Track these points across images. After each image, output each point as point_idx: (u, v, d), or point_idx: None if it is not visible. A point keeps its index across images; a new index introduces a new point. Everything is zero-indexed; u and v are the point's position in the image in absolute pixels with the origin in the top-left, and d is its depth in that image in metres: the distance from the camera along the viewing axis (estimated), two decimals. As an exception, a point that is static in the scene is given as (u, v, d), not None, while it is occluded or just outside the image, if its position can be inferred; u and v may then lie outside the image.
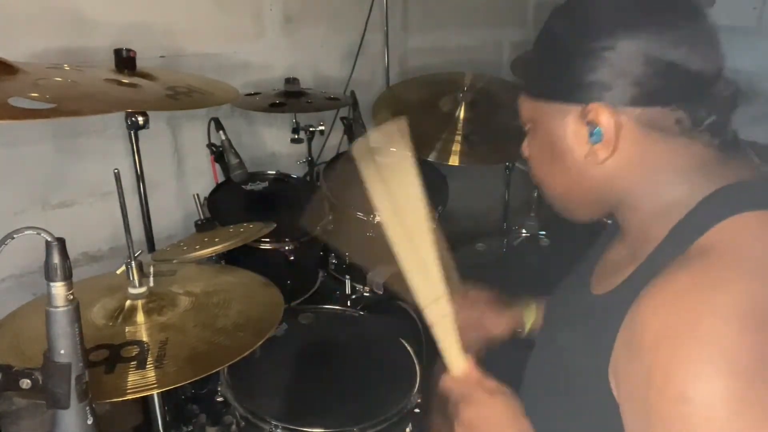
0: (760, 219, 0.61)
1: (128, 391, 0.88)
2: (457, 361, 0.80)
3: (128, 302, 1.06)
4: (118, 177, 1.02)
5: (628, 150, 0.68)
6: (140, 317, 1.04)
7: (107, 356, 0.94)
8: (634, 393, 0.59)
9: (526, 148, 0.81)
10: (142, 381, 0.89)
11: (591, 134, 0.68)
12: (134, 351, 0.95)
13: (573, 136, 0.70)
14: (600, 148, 0.68)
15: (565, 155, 0.72)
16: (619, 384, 0.63)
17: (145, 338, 0.99)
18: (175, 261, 1.30)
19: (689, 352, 0.54)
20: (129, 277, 1.07)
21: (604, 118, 0.66)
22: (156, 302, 1.08)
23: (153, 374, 0.91)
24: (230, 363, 0.97)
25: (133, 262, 1.07)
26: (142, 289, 1.08)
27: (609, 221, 0.89)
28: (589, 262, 0.85)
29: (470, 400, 0.78)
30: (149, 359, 0.94)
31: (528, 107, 0.76)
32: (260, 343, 1.01)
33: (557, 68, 0.71)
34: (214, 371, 0.94)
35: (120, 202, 1.05)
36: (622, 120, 0.66)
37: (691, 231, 0.63)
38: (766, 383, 0.52)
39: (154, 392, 0.91)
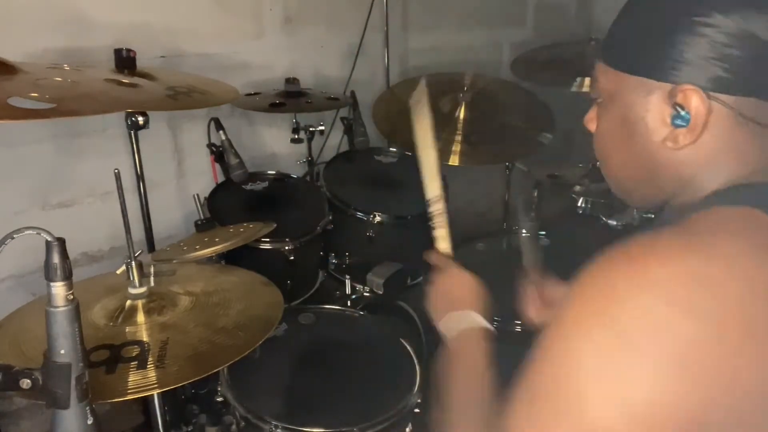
0: (745, 215, 0.57)
1: (129, 391, 0.88)
2: (444, 244, 1.04)
3: (128, 302, 1.07)
4: (118, 177, 1.02)
5: (711, 139, 0.62)
6: (141, 317, 1.05)
7: (108, 356, 0.94)
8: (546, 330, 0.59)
9: (592, 119, 0.75)
10: (143, 381, 0.90)
11: (676, 117, 0.62)
12: (135, 351, 0.95)
13: (654, 116, 0.64)
14: (683, 133, 0.62)
15: (640, 134, 0.66)
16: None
17: (145, 338, 0.99)
18: (175, 261, 1.30)
19: (588, 305, 0.53)
20: (129, 277, 1.07)
21: (695, 102, 0.60)
22: (156, 302, 1.08)
23: (154, 374, 0.91)
24: (231, 362, 0.97)
25: (133, 262, 1.07)
26: (142, 289, 1.08)
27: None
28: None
29: (445, 270, 0.98)
30: (150, 359, 0.94)
31: (607, 77, 0.69)
32: (261, 342, 1.01)
33: (649, 40, 0.64)
34: (214, 371, 0.94)
35: (120, 202, 1.05)
36: (714, 107, 0.60)
37: (684, 214, 0.60)
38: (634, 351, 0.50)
39: (155, 392, 0.91)
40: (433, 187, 1.08)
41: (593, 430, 0.51)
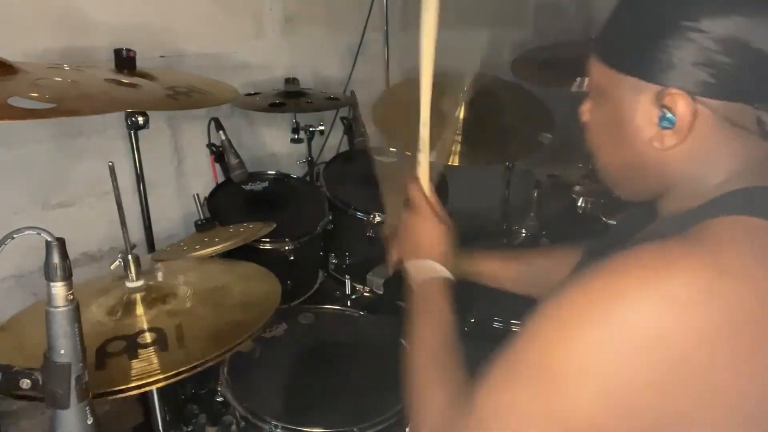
0: (746, 224, 0.57)
1: (161, 371, 0.87)
2: (424, 175, 0.99)
3: (128, 296, 1.07)
4: (112, 170, 1.02)
5: (697, 142, 0.63)
6: (144, 308, 1.05)
7: (126, 345, 0.94)
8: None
9: (586, 111, 0.76)
10: (172, 360, 0.89)
11: (662, 119, 0.64)
12: (151, 337, 0.96)
13: (643, 115, 0.66)
14: (669, 134, 0.64)
15: (629, 132, 0.68)
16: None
17: (158, 324, 0.99)
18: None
19: (597, 306, 0.55)
20: (126, 271, 1.07)
21: (681, 105, 0.62)
22: (157, 293, 1.08)
23: (181, 353, 0.91)
24: (251, 335, 0.97)
25: (129, 255, 1.07)
26: (140, 283, 1.08)
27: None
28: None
29: (418, 211, 0.97)
30: (170, 342, 0.94)
31: (599, 73, 0.70)
32: (271, 315, 1.02)
33: (640, 41, 0.65)
34: (240, 342, 0.94)
35: (115, 194, 1.05)
36: (699, 110, 0.62)
37: (686, 222, 0.60)
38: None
39: (192, 371, 0.89)
40: (425, 110, 1.01)
41: (572, 418, 0.54)
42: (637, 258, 0.55)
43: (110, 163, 1.02)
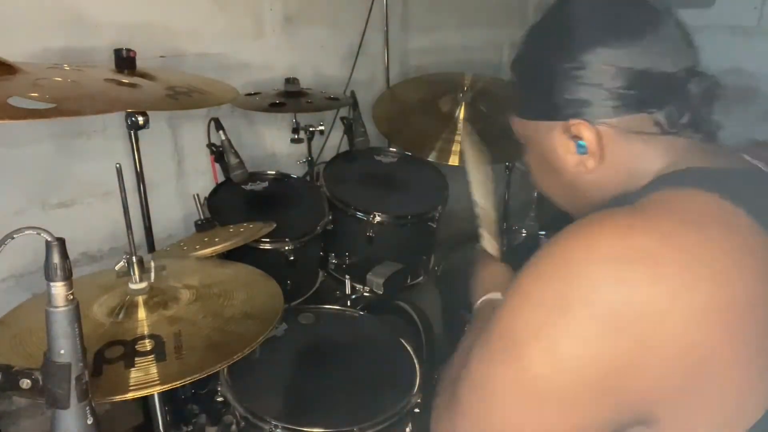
0: (687, 194, 0.62)
1: (157, 383, 0.87)
2: (489, 245, 1.10)
3: (130, 298, 1.06)
4: (119, 171, 1.02)
5: (615, 156, 0.71)
6: (146, 312, 1.04)
7: (123, 352, 0.93)
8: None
9: (526, 161, 0.86)
10: (168, 372, 0.89)
11: (578, 147, 0.72)
12: (149, 345, 0.95)
13: (562, 149, 0.74)
14: (587, 158, 0.72)
15: (559, 166, 0.76)
16: None
17: (157, 332, 0.99)
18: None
19: (548, 274, 0.60)
20: (130, 273, 1.07)
21: (585, 132, 0.70)
22: (159, 297, 1.08)
23: (176, 365, 0.91)
24: (249, 349, 0.97)
25: (134, 257, 1.06)
26: (143, 285, 1.07)
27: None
28: None
29: (488, 262, 1.08)
30: (167, 351, 0.94)
31: (518, 126, 0.81)
32: (271, 329, 1.02)
33: (535, 90, 0.75)
34: (237, 357, 0.94)
35: (121, 197, 1.05)
36: (603, 131, 0.70)
37: (630, 199, 0.66)
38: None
39: (187, 382, 0.89)
40: (477, 191, 1.16)
41: (528, 376, 0.59)
42: (580, 227, 0.61)
43: (117, 165, 1.02)
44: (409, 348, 1.33)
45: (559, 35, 0.72)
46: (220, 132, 1.58)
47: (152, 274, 1.10)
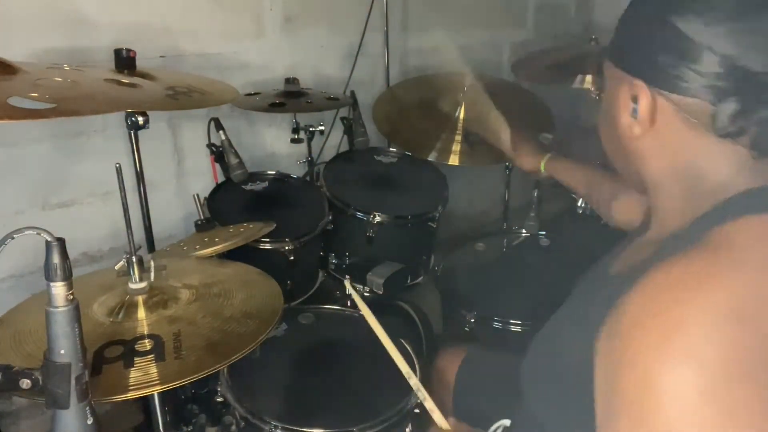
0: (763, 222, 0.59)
1: (156, 383, 0.87)
2: (441, 421, 1.00)
3: (130, 298, 1.06)
4: (119, 171, 1.02)
5: (664, 134, 0.68)
6: (146, 312, 1.04)
7: (123, 352, 0.93)
8: (607, 373, 0.59)
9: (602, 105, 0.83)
10: (168, 371, 0.89)
11: (633, 109, 0.69)
12: (149, 345, 0.95)
13: (621, 104, 0.71)
14: (636, 123, 0.69)
15: (614, 119, 0.73)
16: (597, 363, 0.63)
17: (156, 332, 0.99)
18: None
19: (661, 339, 0.54)
20: (130, 273, 1.07)
21: (643, 97, 0.67)
22: (158, 296, 1.08)
23: (176, 365, 0.91)
24: (249, 349, 0.97)
25: (133, 257, 1.06)
26: (143, 284, 1.07)
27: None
28: (620, 247, 0.86)
29: None
30: (167, 351, 0.94)
31: (605, 66, 0.76)
32: (271, 329, 1.02)
33: (625, 35, 0.72)
34: (237, 357, 0.94)
35: (121, 197, 1.05)
36: (660, 103, 0.66)
37: (707, 223, 0.62)
38: (738, 383, 0.51)
39: (187, 382, 0.90)
40: (404, 368, 1.08)
41: None
42: (680, 279, 0.56)
43: (117, 165, 1.02)
44: (409, 348, 1.33)
45: None
46: (220, 132, 1.58)
47: (152, 274, 1.10)
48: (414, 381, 1.05)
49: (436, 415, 1.00)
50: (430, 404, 1.02)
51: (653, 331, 0.54)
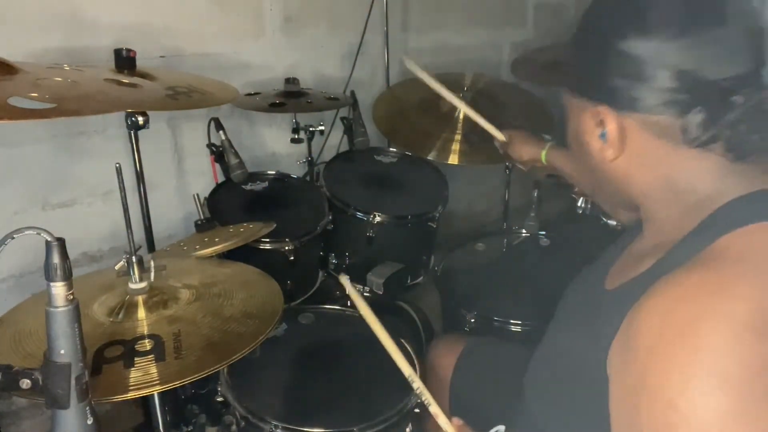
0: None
1: (157, 383, 0.87)
2: (447, 426, 0.97)
3: (130, 298, 1.06)
4: (119, 171, 1.02)
5: (637, 152, 0.68)
6: (146, 312, 1.04)
7: (123, 352, 0.93)
8: (626, 394, 0.59)
9: (568, 137, 0.83)
10: (168, 371, 0.89)
11: (601, 133, 0.69)
12: (149, 345, 0.95)
13: (588, 131, 0.71)
14: (607, 147, 0.69)
15: (586, 147, 0.73)
16: (612, 382, 0.62)
17: (156, 332, 0.99)
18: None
19: (684, 360, 0.53)
20: (130, 273, 1.07)
21: (609, 121, 0.67)
22: (158, 296, 1.08)
23: (176, 365, 0.91)
24: (249, 349, 0.96)
25: (133, 257, 1.06)
26: (143, 284, 1.07)
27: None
28: (609, 257, 0.85)
29: None
30: (167, 351, 0.93)
31: (564, 97, 0.77)
32: (271, 329, 1.01)
33: (579, 64, 0.72)
34: (237, 357, 0.94)
35: (121, 197, 1.05)
36: (627, 124, 0.67)
37: (708, 233, 0.62)
38: (764, 398, 0.51)
39: (187, 382, 0.90)
40: (406, 369, 1.06)
41: None
42: (690, 293, 0.56)
43: (117, 165, 1.02)
44: (409, 348, 1.33)
45: (608, 16, 0.68)
46: (220, 132, 1.58)
47: (152, 274, 1.10)
48: (417, 384, 1.04)
49: (442, 420, 0.99)
50: (435, 408, 1.00)
51: (675, 353, 0.53)
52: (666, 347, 0.54)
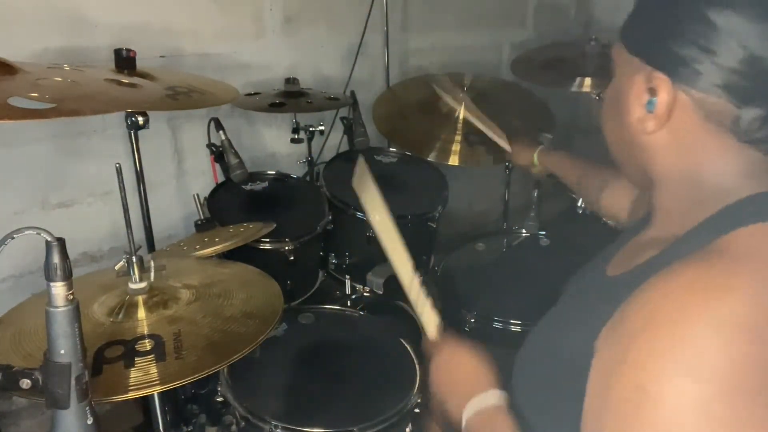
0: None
1: (157, 383, 0.87)
2: (431, 326, 0.97)
3: (130, 298, 1.06)
4: (119, 171, 1.02)
5: (678, 131, 0.65)
6: (146, 312, 1.04)
7: (123, 352, 0.93)
8: (603, 371, 0.59)
9: (606, 93, 0.79)
10: (168, 371, 0.89)
11: (648, 101, 0.65)
12: (149, 344, 0.95)
13: (635, 95, 0.67)
14: (650, 118, 0.66)
15: (624, 111, 0.69)
16: (594, 359, 0.62)
17: (156, 331, 0.99)
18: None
19: (665, 347, 0.53)
20: (130, 273, 1.07)
21: (663, 91, 0.63)
22: (158, 296, 1.07)
23: (176, 365, 0.91)
24: (249, 349, 0.97)
25: (133, 257, 1.06)
26: (143, 285, 1.07)
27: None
28: (615, 246, 0.84)
29: (438, 351, 0.92)
30: (167, 351, 0.94)
31: (616, 52, 0.73)
32: (271, 329, 1.02)
33: (647, 22, 0.68)
34: (237, 357, 0.94)
35: (121, 197, 1.05)
36: (680, 99, 0.63)
37: (715, 228, 0.61)
38: (744, 399, 0.50)
39: (187, 382, 0.90)
40: (403, 269, 1.04)
41: None
42: (687, 287, 0.55)
43: (117, 165, 1.02)
44: (409, 348, 1.33)
45: None
46: (220, 132, 1.58)
47: (152, 274, 1.10)
48: (414, 291, 1.02)
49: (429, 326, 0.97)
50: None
51: (658, 340, 0.53)
52: (651, 333, 0.54)
